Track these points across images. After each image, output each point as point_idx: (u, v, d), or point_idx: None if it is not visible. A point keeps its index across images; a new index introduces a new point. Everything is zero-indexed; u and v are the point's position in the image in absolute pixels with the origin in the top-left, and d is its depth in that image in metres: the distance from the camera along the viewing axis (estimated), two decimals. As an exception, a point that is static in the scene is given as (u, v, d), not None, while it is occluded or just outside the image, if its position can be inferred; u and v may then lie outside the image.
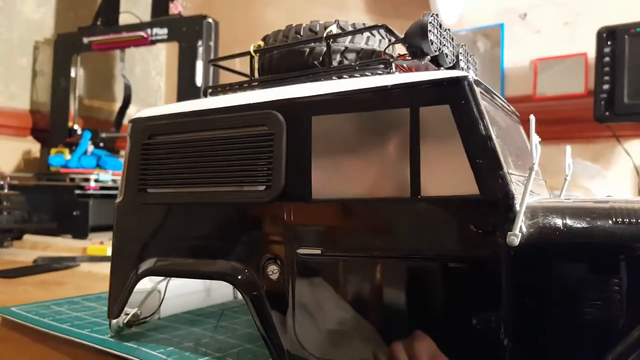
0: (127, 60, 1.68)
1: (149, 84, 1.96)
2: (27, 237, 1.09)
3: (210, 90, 0.44)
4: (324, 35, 0.40)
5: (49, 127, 1.54)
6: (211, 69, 1.35)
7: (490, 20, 1.26)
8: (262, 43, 0.44)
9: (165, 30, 1.39)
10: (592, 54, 1.05)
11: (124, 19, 1.54)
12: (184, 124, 0.40)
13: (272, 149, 0.36)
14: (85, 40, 1.47)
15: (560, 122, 1.10)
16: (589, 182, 1.06)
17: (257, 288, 0.36)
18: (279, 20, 1.70)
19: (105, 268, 0.86)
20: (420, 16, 0.36)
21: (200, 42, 1.33)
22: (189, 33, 1.35)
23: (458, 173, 0.31)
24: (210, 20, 1.36)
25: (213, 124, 0.39)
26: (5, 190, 1.06)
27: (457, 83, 0.31)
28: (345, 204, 0.34)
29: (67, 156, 1.36)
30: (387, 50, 0.43)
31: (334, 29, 0.40)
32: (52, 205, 1.19)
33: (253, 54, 0.43)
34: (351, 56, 0.41)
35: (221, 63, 0.48)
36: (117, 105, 1.80)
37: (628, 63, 0.93)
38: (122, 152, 1.68)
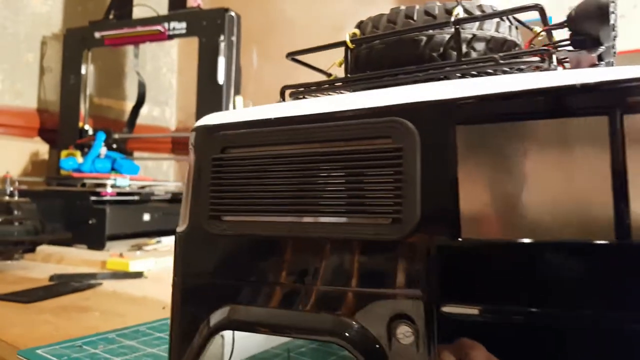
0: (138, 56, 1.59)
1: (159, 81, 1.87)
2: (39, 248, 1.00)
3: (290, 91, 0.36)
4: (452, 19, 0.31)
5: (57, 127, 1.45)
6: (233, 66, 1.26)
7: (535, 15, 1.17)
8: (357, 31, 0.35)
9: (183, 25, 1.30)
10: (652, 49, 0.96)
11: (137, 12, 1.45)
12: (268, 134, 0.31)
13: (401, 169, 0.27)
14: (97, 35, 1.38)
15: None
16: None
17: (382, 356, 0.27)
18: (299, 15, 1.61)
19: (129, 286, 0.78)
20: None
21: (222, 37, 1.24)
22: (209, 27, 1.26)
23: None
24: (232, 13, 1.27)
25: (311, 135, 0.30)
26: (16, 198, 0.97)
27: (685, 82, 0.22)
28: (512, 247, 0.25)
29: (80, 159, 1.28)
30: (517, 42, 0.34)
31: (460, 12, 0.31)
32: (65, 212, 1.10)
33: (349, 44, 0.34)
34: (479, 46, 0.32)
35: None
36: (128, 103, 1.71)
37: None
38: (136, 155, 1.59)
